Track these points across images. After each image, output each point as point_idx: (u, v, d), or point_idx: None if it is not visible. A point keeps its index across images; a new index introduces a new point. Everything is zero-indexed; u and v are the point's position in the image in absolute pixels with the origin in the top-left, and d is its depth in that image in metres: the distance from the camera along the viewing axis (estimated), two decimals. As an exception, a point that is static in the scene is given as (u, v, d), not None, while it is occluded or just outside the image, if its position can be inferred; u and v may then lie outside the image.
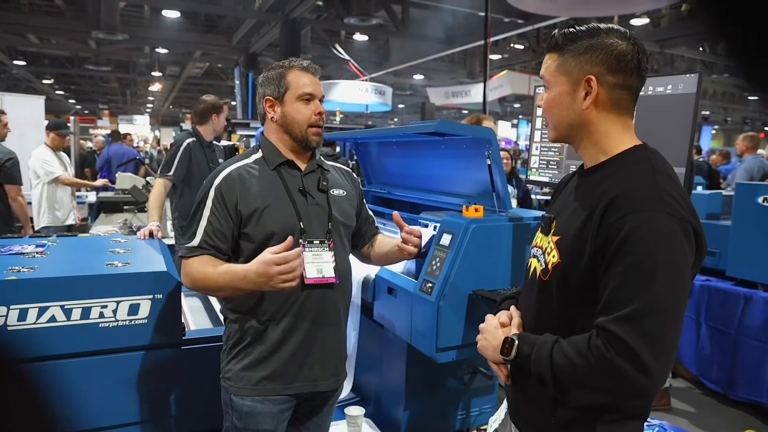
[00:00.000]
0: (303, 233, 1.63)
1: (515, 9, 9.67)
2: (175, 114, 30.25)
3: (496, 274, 2.16)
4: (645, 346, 0.99)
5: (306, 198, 1.68)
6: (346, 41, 15.72)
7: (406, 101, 25.38)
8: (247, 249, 1.62)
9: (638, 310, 1.00)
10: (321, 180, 1.73)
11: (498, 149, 2.29)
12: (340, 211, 1.75)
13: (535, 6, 9.32)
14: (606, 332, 1.02)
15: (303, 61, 1.73)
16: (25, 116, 6.97)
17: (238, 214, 1.60)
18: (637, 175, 1.10)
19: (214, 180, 1.64)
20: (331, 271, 1.66)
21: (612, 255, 1.04)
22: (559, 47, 1.19)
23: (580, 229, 1.11)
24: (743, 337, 3.58)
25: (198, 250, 1.59)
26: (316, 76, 1.72)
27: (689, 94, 2.00)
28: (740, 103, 23.53)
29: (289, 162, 1.70)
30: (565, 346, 1.08)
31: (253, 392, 1.62)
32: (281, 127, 1.69)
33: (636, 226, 1.02)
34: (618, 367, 1.00)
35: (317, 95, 1.70)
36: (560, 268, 1.15)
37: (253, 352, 1.63)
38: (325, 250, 1.67)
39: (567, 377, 1.07)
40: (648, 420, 2.58)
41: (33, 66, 19.38)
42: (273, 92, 1.68)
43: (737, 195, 3.69)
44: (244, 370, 1.63)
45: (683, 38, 12.60)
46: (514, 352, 1.16)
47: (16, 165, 4.24)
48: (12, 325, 1.76)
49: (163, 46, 15.86)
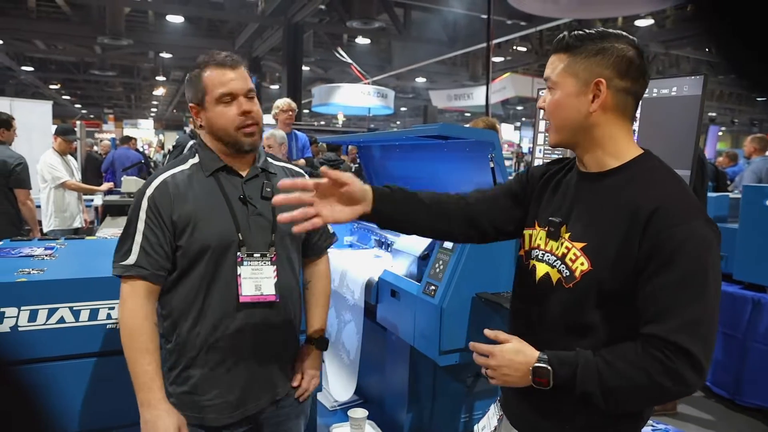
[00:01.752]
0: (242, 246, 1.49)
1: (518, 11, 9.67)
2: (179, 118, 30.33)
3: (499, 277, 2.17)
4: (702, 351, 1.04)
5: (247, 207, 1.52)
6: (349, 45, 15.77)
7: (409, 104, 25.40)
8: (180, 263, 1.47)
9: (696, 319, 1.04)
10: (265, 186, 1.55)
11: (501, 152, 2.30)
12: None
13: (537, 8, 9.32)
14: (666, 342, 1.04)
15: (219, 54, 1.52)
16: (33, 121, 7.03)
17: (173, 225, 1.45)
18: (667, 183, 1.14)
19: (145, 190, 1.48)
20: (271, 288, 1.52)
21: (662, 264, 1.06)
22: (569, 48, 1.18)
23: (618, 238, 1.11)
24: (751, 341, 3.55)
25: (134, 268, 1.43)
26: (236, 69, 1.50)
27: (694, 96, 2.00)
28: (748, 105, 23.45)
29: (227, 167, 1.53)
30: (614, 361, 1.08)
31: (193, 420, 1.49)
32: (210, 134, 1.53)
33: (686, 237, 1.05)
34: (681, 374, 1.04)
35: (239, 92, 1.48)
36: (592, 275, 1.14)
37: (191, 376, 1.50)
38: (266, 265, 1.52)
39: (620, 391, 1.09)
40: (653, 425, 2.59)
41: (40, 71, 19.55)
42: (193, 97, 1.52)
43: (744, 197, 3.66)
44: (183, 395, 1.50)
45: (688, 39, 12.58)
46: (552, 382, 1.12)
47: (25, 169, 4.28)
48: (23, 326, 1.78)
49: (167, 50, 15.97)
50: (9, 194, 4.21)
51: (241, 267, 1.49)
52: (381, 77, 16.77)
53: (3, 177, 4.16)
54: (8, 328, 1.77)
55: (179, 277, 1.48)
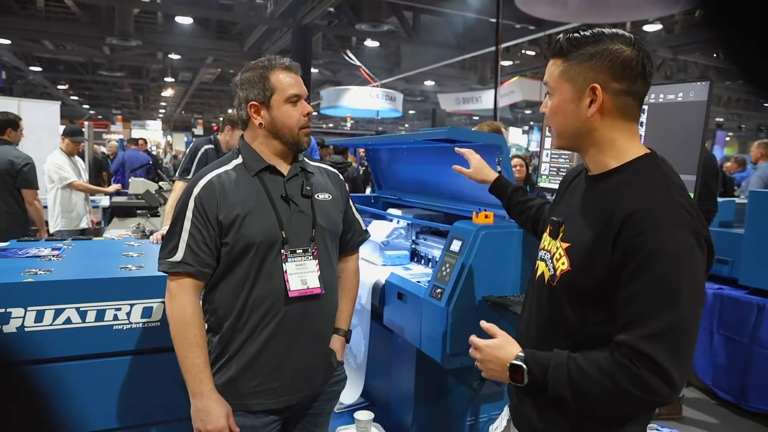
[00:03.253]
0: (285, 243, 1.56)
1: (527, 15, 9.69)
2: (187, 119, 30.54)
3: (505, 280, 2.16)
4: (672, 362, 1.01)
5: (289, 205, 1.60)
6: (357, 47, 15.79)
7: (417, 107, 25.42)
8: (226, 260, 1.54)
9: (665, 328, 1.02)
10: (305, 185, 1.64)
11: (508, 155, 2.30)
12: (325, 217, 1.67)
13: (546, 12, 9.32)
14: (632, 350, 1.03)
15: (284, 59, 1.63)
16: (40, 121, 7.06)
17: (219, 224, 1.52)
18: (652, 187, 1.10)
19: (192, 189, 1.55)
20: (316, 282, 1.59)
21: (633, 271, 1.04)
22: (564, 53, 1.17)
23: (594, 241, 1.11)
24: (756, 347, 3.54)
25: (181, 265, 1.50)
26: (298, 74, 1.64)
27: (700, 102, 2.00)
28: (755, 110, 23.33)
29: (271, 167, 1.62)
30: (585, 365, 1.08)
31: (236, 407, 1.55)
32: (269, 133, 1.61)
33: (658, 244, 1.02)
34: (647, 383, 1.02)
35: (303, 95, 1.62)
36: (570, 275, 1.15)
37: (234, 366, 1.56)
38: (308, 260, 1.60)
39: (590, 396, 1.08)
40: (658, 428, 2.58)
41: (48, 72, 19.68)
42: (257, 96, 1.58)
43: (750, 203, 3.65)
44: (226, 385, 1.55)
45: (697, 44, 12.52)
46: (527, 379, 1.16)
47: (33, 170, 4.30)
48: (29, 326, 1.79)
49: (176, 52, 16.03)
50: (16, 194, 4.23)
51: (286, 263, 1.56)
52: (389, 80, 16.78)
53: (10, 177, 4.18)
54: (15, 328, 1.78)
55: (224, 273, 1.55)
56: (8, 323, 1.77)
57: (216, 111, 28.10)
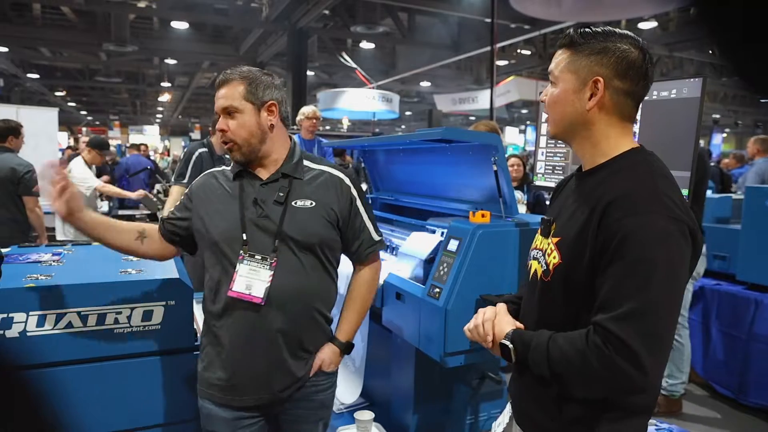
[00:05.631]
0: (245, 245, 1.59)
1: (521, 15, 9.71)
2: (184, 124, 30.51)
3: (503, 279, 2.18)
4: (642, 345, 1.02)
5: (256, 209, 1.63)
6: (353, 49, 15.82)
7: (414, 108, 25.45)
8: (200, 246, 1.74)
9: (636, 309, 1.03)
10: (279, 191, 1.63)
11: (504, 155, 2.32)
12: (297, 225, 1.60)
13: (541, 11, 9.35)
14: (604, 330, 1.04)
15: (224, 72, 1.67)
16: (39, 128, 7.06)
17: (194, 216, 1.71)
18: (635, 177, 1.12)
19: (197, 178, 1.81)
20: (260, 291, 1.56)
21: (610, 255, 1.06)
22: (573, 44, 1.20)
23: (580, 231, 1.14)
24: (754, 342, 3.56)
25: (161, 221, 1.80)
26: (222, 87, 1.64)
27: (694, 98, 2.02)
28: (751, 107, 23.36)
29: (249, 171, 1.69)
30: (562, 342, 1.11)
31: (205, 395, 1.68)
32: None
33: (634, 228, 1.04)
34: (616, 365, 1.03)
35: (220, 111, 1.64)
36: (561, 268, 1.17)
37: (206, 356, 1.69)
38: (264, 268, 1.58)
39: (565, 375, 1.10)
40: (657, 424, 2.59)
41: (46, 79, 19.69)
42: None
43: (747, 198, 3.67)
44: (203, 371, 1.69)
45: (692, 41, 12.56)
46: (513, 358, 1.20)
47: (34, 177, 4.32)
48: (31, 330, 1.80)
49: (172, 57, 16.06)
50: (18, 201, 4.25)
51: (240, 264, 1.60)
52: (386, 81, 16.80)
53: (12, 184, 4.19)
54: (17, 333, 1.79)
55: (204, 262, 1.70)
56: (11, 328, 1.78)
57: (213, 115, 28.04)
